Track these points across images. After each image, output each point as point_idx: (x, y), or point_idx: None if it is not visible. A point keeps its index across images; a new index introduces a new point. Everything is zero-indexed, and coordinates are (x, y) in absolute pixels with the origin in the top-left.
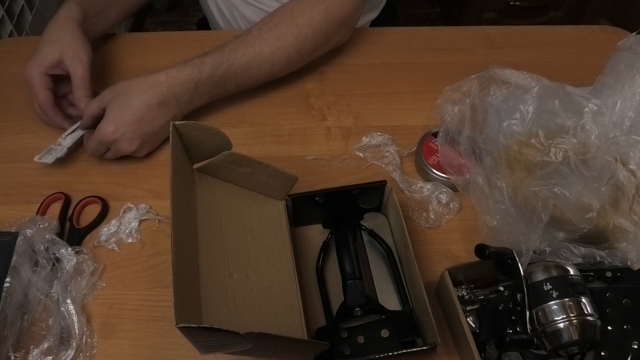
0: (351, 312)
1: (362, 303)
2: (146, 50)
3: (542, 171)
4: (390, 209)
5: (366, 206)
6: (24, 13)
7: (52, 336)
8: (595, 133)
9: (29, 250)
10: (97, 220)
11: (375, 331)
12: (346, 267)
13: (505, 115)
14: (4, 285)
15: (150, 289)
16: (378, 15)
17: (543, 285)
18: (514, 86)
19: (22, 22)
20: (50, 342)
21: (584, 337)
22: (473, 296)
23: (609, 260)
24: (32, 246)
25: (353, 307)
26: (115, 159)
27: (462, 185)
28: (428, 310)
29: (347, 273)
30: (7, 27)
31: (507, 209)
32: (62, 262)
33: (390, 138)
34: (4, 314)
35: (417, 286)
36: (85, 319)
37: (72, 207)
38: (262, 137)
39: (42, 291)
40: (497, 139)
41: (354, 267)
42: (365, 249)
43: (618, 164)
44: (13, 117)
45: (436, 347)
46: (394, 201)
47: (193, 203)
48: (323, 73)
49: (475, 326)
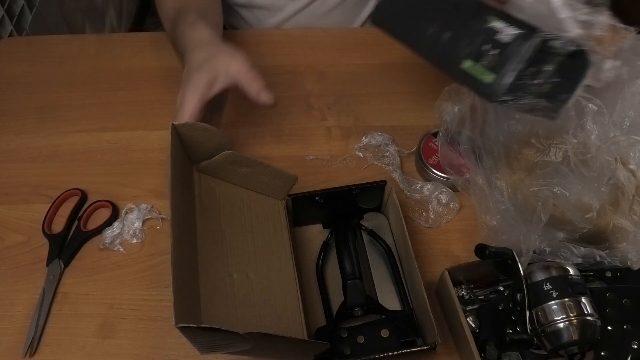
0: (351, 312)
1: (362, 303)
2: (146, 51)
3: (542, 171)
4: (390, 209)
5: (366, 206)
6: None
7: None
8: (595, 133)
9: None
10: (104, 225)
11: (375, 331)
12: (346, 267)
13: (505, 115)
14: None
15: (150, 289)
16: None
17: (543, 285)
18: None
19: (22, 22)
20: None
21: (584, 337)
22: (473, 296)
23: (609, 260)
24: None
25: (353, 307)
26: (114, 159)
27: (462, 185)
28: (428, 310)
29: (347, 273)
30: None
31: (507, 209)
32: None
33: (390, 138)
34: None
35: (417, 286)
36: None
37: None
38: (262, 137)
39: None
40: (497, 139)
41: (354, 267)
42: (365, 249)
43: (618, 164)
44: (13, 117)
45: (436, 346)
46: (394, 201)
47: (192, 203)
48: (323, 73)
49: (475, 326)
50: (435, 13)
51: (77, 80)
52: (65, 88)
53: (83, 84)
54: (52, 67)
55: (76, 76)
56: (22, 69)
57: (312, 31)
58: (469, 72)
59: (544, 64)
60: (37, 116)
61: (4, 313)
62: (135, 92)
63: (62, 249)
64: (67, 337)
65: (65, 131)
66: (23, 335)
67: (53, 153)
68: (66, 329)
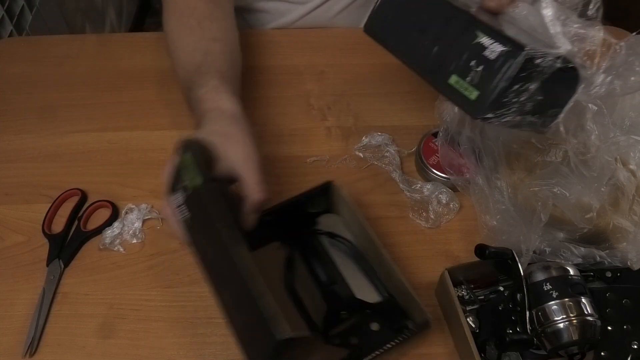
0: (338, 317)
1: (345, 305)
2: (146, 50)
3: (542, 171)
4: (342, 206)
5: (318, 210)
6: (24, 13)
7: None
8: (595, 133)
9: None
10: (104, 225)
11: (365, 328)
12: (319, 276)
13: None
14: None
15: (150, 289)
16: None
17: (543, 285)
18: None
19: (22, 22)
20: None
21: (583, 337)
22: (473, 296)
23: (609, 260)
24: None
25: (338, 311)
26: (114, 159)
27: (462, 185)
28: (409, 291)
29: (321, 281)
30: (7, 27)
31: (507, 209)
32: None
33: (390, 138)
34: None
35: (391, 272)
36: None
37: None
38: (262, 137)
39: None
40: (497, 139)
41: (326, 273)
42: (328, 251)
43: (618, 164)
44: (13, 117)
45: (429, 323)
46: (342, 198)
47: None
48: (323, 73)
49: (475, 326)
50: (428, 26)
51: (77, 80)
52: (65, 88)
53: (83, 84)
54: (52, 67)
55: (76, 76)
56: (22, 69)
57: (312, 31)
58: (455, 87)
59: (529, 82)
60: (37, 116)
61: (4, 313)
62: (135, 92)
63: (62, 249)
64: (67, 337)
65: (65, 131)
66: (23, 335)
67: (53, 153)
68: (66, 329)
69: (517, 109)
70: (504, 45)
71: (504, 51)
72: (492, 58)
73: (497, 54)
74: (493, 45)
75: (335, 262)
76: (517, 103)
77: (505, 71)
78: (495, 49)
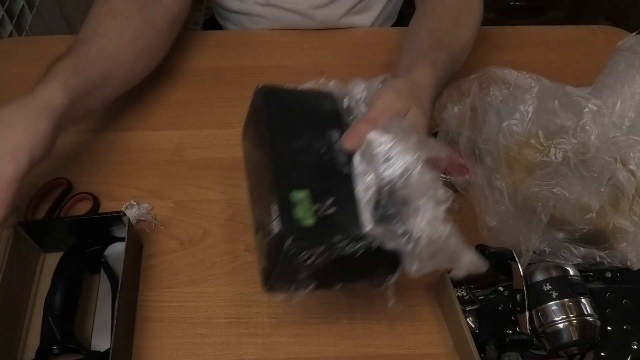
0: (49, 351)
1: (58, 341)
2: None
3: (542, 171)
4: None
5: (117, 235)
6: (24, 13)
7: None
8: (595, 133)
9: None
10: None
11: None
12: (48, 301)
13: (505, 116)
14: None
15: (150, 289)
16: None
17: (543, 286)
18: (513, 86)
19: (22, 22)
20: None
21: (583, 338)
22: (473, 296)
23: (609, 261)
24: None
25: (49, 345)
26: (114, 159)
27: (462, 186)
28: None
29: (47, 307)
30: (7, 27)
31: (507, 209)
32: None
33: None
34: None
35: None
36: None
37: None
38: None
39: None
40: (497, 139)
41: (58, 301)
42: (96, 282)
43: (618, 164)
44: None
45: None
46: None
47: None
48: (323, 73)
49: (475, 326)
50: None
51: None
52: None
53: None
54: None
55: None
56: (22, 69)
57: (312, 31)
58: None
59: (298, 272)
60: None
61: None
62: (135, 92)
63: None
64: None
65: (65, 131)
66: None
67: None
68: None
69: (305, 286)
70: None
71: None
72: (273, 234)
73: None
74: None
75: (97, 295)
76: (300, 282)
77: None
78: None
